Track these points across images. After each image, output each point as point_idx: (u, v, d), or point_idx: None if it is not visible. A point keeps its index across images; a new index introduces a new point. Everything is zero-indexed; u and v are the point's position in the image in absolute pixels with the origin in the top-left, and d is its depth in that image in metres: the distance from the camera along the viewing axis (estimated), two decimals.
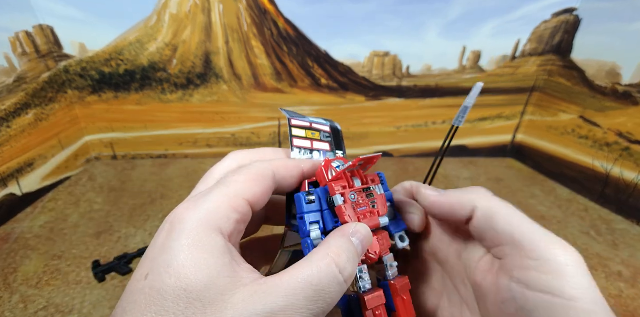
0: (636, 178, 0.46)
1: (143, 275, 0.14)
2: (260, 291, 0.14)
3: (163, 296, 0.13)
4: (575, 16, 0.52)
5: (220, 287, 0.14)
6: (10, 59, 0.45)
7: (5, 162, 0.45)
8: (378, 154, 0.18)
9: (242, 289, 0.14)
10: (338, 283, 0.15)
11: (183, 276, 0.14)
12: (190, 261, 0.14)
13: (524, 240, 0.16)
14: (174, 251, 0.14)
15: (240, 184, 0.16)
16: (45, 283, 0.35)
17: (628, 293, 0.35)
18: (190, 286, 0.13)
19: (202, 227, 0.15)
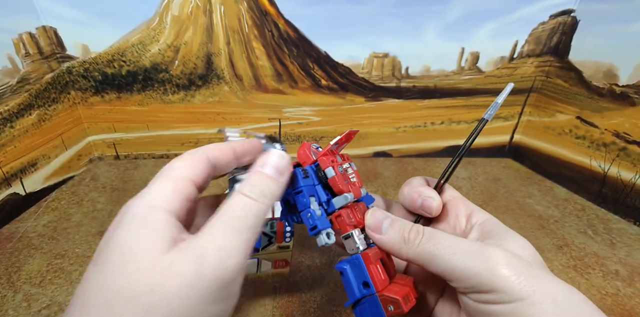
0: (633, 178, 0.46)
1: (92, 263, 0.15)
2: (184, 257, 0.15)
3: (115, 270, 0.14)
4: (573, 17, 0.53)
5: (157, 251, 0.15)
6: (14, 60, 0.46)
7: (9, 162, 0.45)
8: (356, 130, 0.21)
9: (170, 255, 0.15)
10: (258, 209, 0.17)
11: (126, 248, 0.15)
12: (132, 238, 0.15)
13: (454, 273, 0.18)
14: (118, 236, 0.15)
15: (180, 168, 0.18)
16: (49, 282, 0.36)
17: (625, 292, 0.36)
18: (130, 258, 0.15)
19: (144, 207, 0.16)
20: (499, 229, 0.20)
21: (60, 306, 0.33)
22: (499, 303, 0.16)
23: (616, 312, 0.33)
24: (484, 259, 0.17)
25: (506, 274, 0.16)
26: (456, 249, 0.18)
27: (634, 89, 0.46)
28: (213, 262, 0.15)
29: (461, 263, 0.17)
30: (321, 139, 0.63)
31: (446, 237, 0.19)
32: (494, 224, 0.20)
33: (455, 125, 0.63)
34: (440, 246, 0.18)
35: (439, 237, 0.19)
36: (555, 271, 0.38)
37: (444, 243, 0.18)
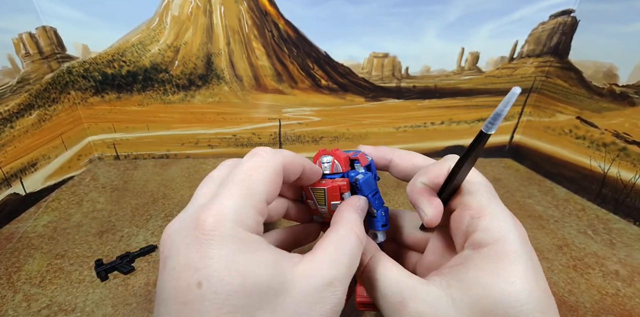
0: (633, 178, 0.46)
1: (192, 285, 0.14)
2: (314, 267, 0.16)
3: (233, 296, 0.14)
4: (573, 18, 0.53)
5: (282, 273, 0.15)
6: (14, 60, 0.46)
7: (9, 162, 0.45)
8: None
9: (298, 268, 0.16)
10: (360, 246, 0.18)
11: (247, 274, 0.14)
12: (248, 260, 0.14)
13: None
14: (222, 256, 0.14)
15: (257, 182, 0.17)
16: (49, 282, 0.36)
17: (625, 292, 0.36)
18: (258, 280, 0.14)
19: (238, 229, 0.15)
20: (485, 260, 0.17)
21: (60, 306, 0.33)
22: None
23: (616, 312, 0.33)
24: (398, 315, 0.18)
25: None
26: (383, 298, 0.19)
27: (634, 89, 0.46)
28: (342, 288, 0.16)
29: (384, 311, 0.19)
30: (321, 139, 0.63)
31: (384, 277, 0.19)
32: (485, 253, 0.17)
33: (455, 126, 0.63)
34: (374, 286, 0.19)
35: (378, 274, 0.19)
36: (555, 270, 0.38)
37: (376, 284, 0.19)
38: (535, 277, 0.16)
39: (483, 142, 0.16)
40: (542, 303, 0.16)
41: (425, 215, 0.19)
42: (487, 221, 0.18)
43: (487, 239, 0.17)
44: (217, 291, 0.14)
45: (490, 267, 0.17)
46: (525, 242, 0.17)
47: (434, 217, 0.19)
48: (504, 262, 0.17)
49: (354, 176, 0.22)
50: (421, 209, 0.20)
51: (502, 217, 0.18)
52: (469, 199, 0.19)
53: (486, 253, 0.17)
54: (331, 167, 0.22)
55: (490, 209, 0.18)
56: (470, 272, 0.17)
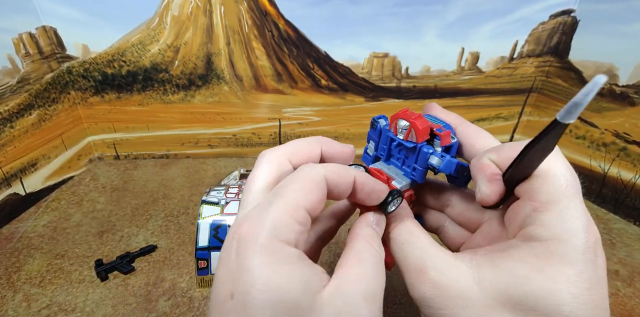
0: (633, 178, 0.46)
1: (227, 296, 0.14)
2: (342, 285, 0.15)
3: (260, 311, 0.13)
4: (573, 17, 0.53)
5: (312, 290, 0.15)
6: (14, 60, 0.46)
7: (9, 162, 0.45)
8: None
9: (329, 286, 0.15)
10: (380, 257, 0.18)
11: (275, 289, 0.14)
12: (277, 274, 0.14)
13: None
14: (255, 268, 0.14)
15: (296, 193, 0.16)
16: (48, 282, 0.36)
17: (625, 292, 0.36)
18: (285, 297, 0.14)
19: (273, 241, 0.15)
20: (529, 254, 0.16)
21: (60, 306, 0.33)
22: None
23: (616, 312, 0.33)
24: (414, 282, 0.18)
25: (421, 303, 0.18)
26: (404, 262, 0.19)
27: (634, 89, 0.46)
28: (376, 304, 0.16)
29: (404, 275, 0.19)
30: None
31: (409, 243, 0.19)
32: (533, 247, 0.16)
33: None
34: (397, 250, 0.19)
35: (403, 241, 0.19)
36: None
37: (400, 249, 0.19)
38: (590, 286, 0.14)
39: (554, 133, 0.14)
40: (589, 314, 0.14)
41: (478, 192, 0.18)
42: (553, 217, 0.15)
43: (544, 235, 0.15)
44: (245, 305, 0.14)
45: (534, 262, 0.15)
46: (591, 250, 0.15)
47: (487, 197, 0.17)
48: (554, 262, 0.15)
49: (426, 151, 0.20)
50: (478, 186, 0.18)
51: (574, 217, 0.15)
52: (538, 189, 0.16)
53: (536, 248, 0.15)
54: (406, 134, 0.21)
55: (560, 205, 0.16)
56: (509, 261, 0.16)
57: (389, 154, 0.23)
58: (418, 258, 0.18)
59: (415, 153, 0.21)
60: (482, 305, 0.15)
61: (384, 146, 0.23)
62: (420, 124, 0.20)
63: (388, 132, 0.22)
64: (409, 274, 0.18)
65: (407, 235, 0.19)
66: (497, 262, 0.16)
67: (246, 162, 0.62)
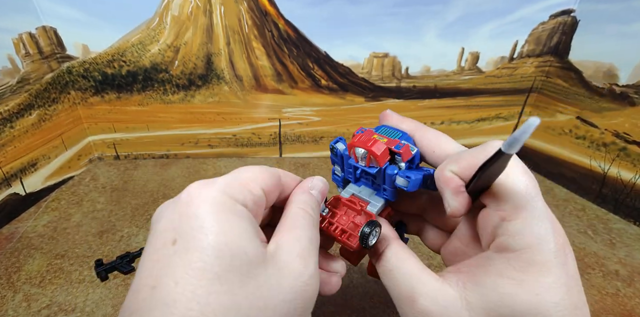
0: (633, 178, 0.46)
1: (168, 242, 0.14)
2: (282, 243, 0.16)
3: (204, 253, 0.13)
4: (573, 17, 0.53)
5: (256, 243, 0.15)
6: (14, 60, 0.46)
7: (9, 162, 0.45)
8: None
9: (271, 243, 0.16)
10: (312, 220, 0.19)
11: (221, 232, 0.14)
12: (223, 220, 0.14)
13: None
14: (201, 216, 0.14)
15: (250, 173, 0.18)
16: (48, 282, 0.36)
17: (625, 292, 0.36)
18: (231, 240, 0.14)
19: (223, 196, 0.15)
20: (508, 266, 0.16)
21: (60, 306, 0.33)
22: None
23: (616, 312, 0.33)
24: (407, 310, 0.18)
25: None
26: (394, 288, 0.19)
27: (634, 89, 0.46)
28: (312, 262, 0.16)
29: (395, 301, 0.19)
30: (321, 139, 0.63)
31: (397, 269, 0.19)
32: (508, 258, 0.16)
33: (455, 126, 0.63)
34: (387, 277, 0.20)
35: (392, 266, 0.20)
36: None
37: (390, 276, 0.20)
38: (567, 289, 0.15)
39: (502, 161, 0.14)
40: (571, 315, 0.15)
41: (448, 206, 0.18)
42: (520, 225, 0.16)
43: (515, 245, 0.16)
44: (188, 247, 0.13)
45: (514, 275, 0.15)
46: (561, 252, 0.15)
47: (457, 211, 0.17)
48: (531, 272, 0.15)
49: (390, 173, 0.20)
50: (445, 200, 0.18)
51: (539, 223, 0.16)
52: (503, 198, 0.16)
53: (512, 259, 0.16)
54: (367, 161, 0.21)
55: (526, 213, 0.16)
56: (491, 277, 0.16)
57: (356, 177, 0.24)
58: (407, 285, 0.18)
59: (381, 175, 0.21)
60: None
61: (350, 170, 0.23)
62: (377, 149, 0.20)
63: (350, 160, 0.22)
64: (400, 301, 0.18)
65: (395, 260, 0.20)
66: (480, 280, 0.17)
67: (246, 162, 0.62)
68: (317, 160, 0.63)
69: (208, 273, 0.13)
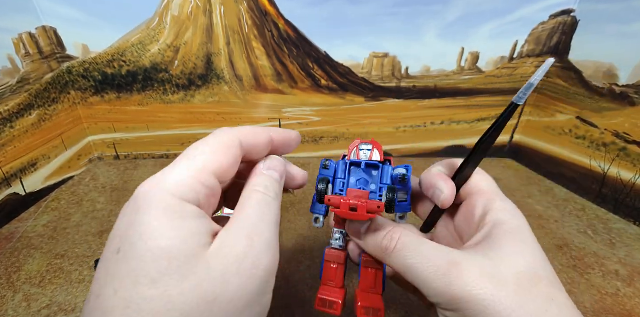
0: (633, 178, 0.46)
1: (115, 251, 0.14)
2: (235, 240, 0.15)
3: (141, 260, 0.13)
4: (573, 17, 0.53)
5: (199, 242, 0.15)
6: (14, 60, 0.46)
7: (9, 162, 0.45)
8: None
9: (220, 240, 0.15)
10: (270, 201, 0.18)
11: (159, 237, 0.14)
12: (164, 225, 0.14)
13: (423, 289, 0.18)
14: (145, 222, 0.14)
15: (205, 155, 0.17)
16: (48, 282, 0.36)
17: (625, 292, 0.36)
18: (169, 245, 0.14)
19: (171, 198, 0.15)
20: (504, 235, 0.18)
21: (60, 306, 0.33)
22: None
23: (616, 312, 0.33)
24: (447, 281, 0.17)
25: (465, 297, 0.16)
26: (425, 266, 0.18)
27: (634, 89, 0.46)
28: (263, 243, 0.16)
29: (427, 282, 0.17)
30: (321, 139, 0.63)
31: (420, 250, 0.18)
32: (504, 229, 0.19)
33: (455, 125, 0.63)
34: (411, 261, 0.18)
35: (413, 250, 0.18)
36: (555, 270, 0.38)
37: (415, 257, 0.18)
38: (543, 256, 0.19)
39: (511, 115, 0.19)
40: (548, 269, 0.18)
41: (441, 192, 0.20)
42: (498, 201, 0.20)
43: (503, 216, 0.19)
44: (128, 256, 0.14)
45: (512, 240, 0.18)
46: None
47: (450, 196, 0.20)
48: (520, 238, 0.18)
49: (388, 167, 0.22)
50: (438, 189, 0.21)
51: (506, 199, 0.21)
52: (482, 184, 0.21)
53: (507, 229, 0.19)
54: (370, 155, 0.22)
55: (496, 191, 0.21)
56: (500, 247, 0.18)
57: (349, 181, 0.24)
58: (441, 256, 0.18)
59: (379, 172, 0.22)
60: (514, 284, 0.17)
61: (344, 168, 0.23)
62: (378, 145, 0.23)
63: (349, 160, 0.23)
64: (435, 272, 0.17)
65: (416, 240, 0.19)
66: (491, 250, 0.18)
67: None
68: (317, 160, 0.63)
69: (143, 279, 0.13)
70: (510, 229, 0.19)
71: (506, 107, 0.19)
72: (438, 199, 0.21)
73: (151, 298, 0.13)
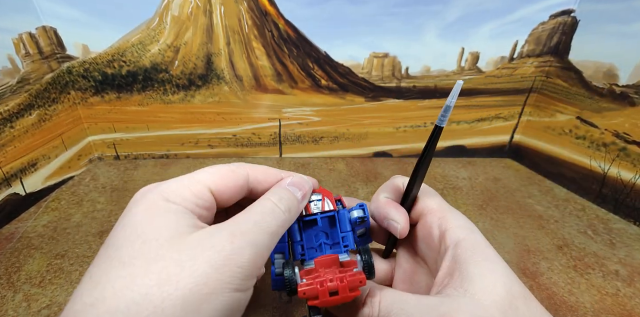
0: (633, 178, 0.46)
1: (102, 245, 0.16)
2: (216, 232, 0.16)
3: (118, 247, 0.15)
4: (573, 17, 0.53)
5: (177, 230, 0.15)
6: (14, 60, 0.46)
7: (9, 162, 0.45)
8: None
9: (199, 231, 0.16)
10: (277, 212, 0.17)
11: (138, 226, 0.15)
12: (146, 217, 0.15)
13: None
14: (129, 217, 0.16)
15: (205, 173, 0.18)
16: (49, 282, 0.36)
17: (625, 292, 0.36)
18: (145, 232, 0.15)
19: (158, 197, 0.16)
20: (470, 259, 0.18)
21: (60, 306, 0.33)
22: None
23: (616, 312, 0.33)
24: None
25: None
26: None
27: (634, 89, 0.46)
28: (245, 242, 0.15)
29: None
30: (321, 139, 0.63)
31: (407, 308, 0.17)
32: (467, 250, 0.19)
33: (455, 125, 0.63)
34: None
35: (399, 310, 0.17)
36: (555, 271, 0.38)
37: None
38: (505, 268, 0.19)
39: (438, 137, 0.19)
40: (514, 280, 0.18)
41: (397, 223, 0.20)
42: (451, 218, 0.20)
43: (461, 233, 0.19)
44: (108, 245, 0.15)
45: (480, 260, 0.18)
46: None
47: (405, 225, 0.20)
48: (485, 253, 0.19)
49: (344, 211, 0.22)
50: (393, 220, 0.21)
51: (456, 212, 0.21)
52: (431, 203, 0.21)
53: (468, 246, 0.19)
54: (322, 206, 0.21)
55: (445, 207, 0.21)
56: (473, 275, 0.18)
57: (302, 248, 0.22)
58: (430, 311, 0.17)
59: (337, 220, 0.21)
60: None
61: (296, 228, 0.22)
62: (327, 192, 0.22)
63: (302, 218, 0.21)
64: None
65: (398, 297, 0.18)
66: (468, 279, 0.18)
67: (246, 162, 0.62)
68: (317, 160, 0.63)
69: (115, 261, 0.14)
70: (472, 247, 0.19)
71: (432, 130, 0.19)
72: (395, 230, 0.21)
73: (116, 279, 0.14)
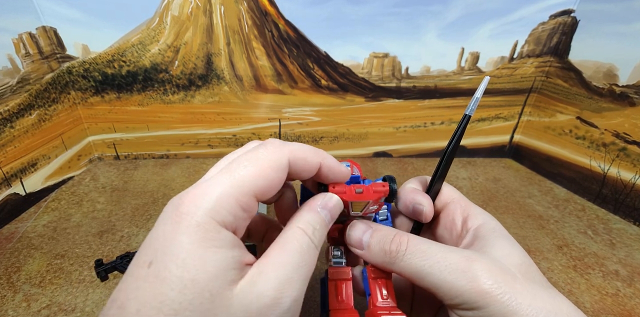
0: (633, 178, 0.46)
1: (146, 262, 0.14)
2: (259, 282, 0.15)
3: (169, 286, 0.13)
4: (573, 18, 0.53)
5: (227, 278, 0.14)
6: (14, 60, 0.46)
7: (9, 162, 0.45)
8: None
9: (245, 279, 0.15)
10: (311, 247, 0.17)
11: (191, 267, 0.14)
12: (199, 254, 0.14)
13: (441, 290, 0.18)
14: (181, 244, 0.14)
15: (250, 176, 0.16)
16: (49, 282, 0.36)
17: (625, 292, 0.36)
18: (197, 277, 0.14)
19: (209, 221, 0.15)
20: (491, 235, 0.19)
21: (60, 306, 0.33)
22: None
23: (616, 312, 0.33)
24: (470, 276, 0.16)
25: (491, 291, 0.16)
26: (442, 265, 0.17)
27: (634, 89, 0.46)
28: (286, 307, 0.15)
29: (447, 281, 0.17)
30: (321, 139, 0.63)
31: (433, 250, 0.18)
32: (488, 230, 0.20)
33: (455, 126, 0.63)
34: (426, 262, 0.17)
35: (425, 251, 0.18)
36: (555, 271, 0.38)
37: (430, 258, 0.17)
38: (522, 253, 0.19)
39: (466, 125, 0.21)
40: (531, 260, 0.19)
41: (422, 206, 0.21)
42: (473, 207, 0.22)
43: (483, 219, 0.21)
44: (158, 275, 0.14)
45: (499, 237, 0.19)
46: None
47: (430, 209, 0.22)
48: (503, 234, 0.20)
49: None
50: (419, 204, 0.22)
51: (476, 205, 0.23)
52: (454, 194, 0.23)
53: (490, 228, 0.20)
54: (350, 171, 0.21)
55: (467, 199, 0.23)
56: (492, 245, 0.19)
57: None
58: (456, 253, 0.17)
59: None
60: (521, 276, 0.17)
61: None
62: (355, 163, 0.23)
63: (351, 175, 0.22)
64: (457, 273, 0.17)
65: (425, 240, 0.19)
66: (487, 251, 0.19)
67: None
68: None
69: (167, 308, 0.13)
70: (493, 228, 0.20)
71: (460, 119, 0.21)
72: (420, 213, 0.22)
73: None
